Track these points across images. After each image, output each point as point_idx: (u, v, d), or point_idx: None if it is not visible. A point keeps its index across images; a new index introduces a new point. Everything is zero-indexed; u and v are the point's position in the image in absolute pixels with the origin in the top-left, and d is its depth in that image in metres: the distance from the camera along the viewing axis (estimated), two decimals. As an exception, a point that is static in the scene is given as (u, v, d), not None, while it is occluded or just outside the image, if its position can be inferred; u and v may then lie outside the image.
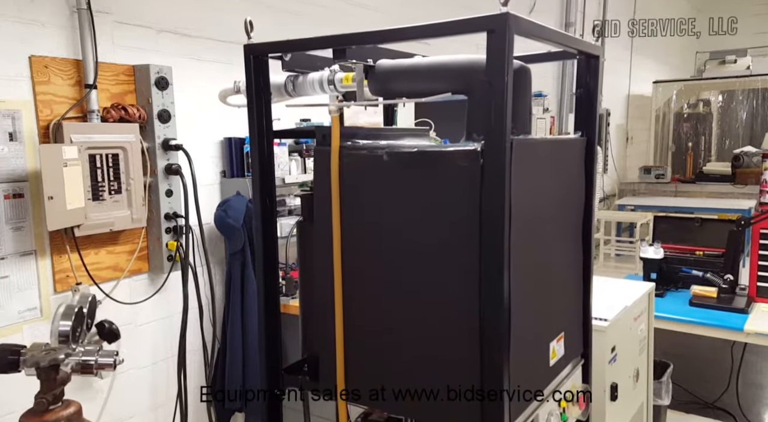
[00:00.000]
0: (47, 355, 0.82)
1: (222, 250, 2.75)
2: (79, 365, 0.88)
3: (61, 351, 0.83)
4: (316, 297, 1.27)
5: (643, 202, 6.44)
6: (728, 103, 7.88)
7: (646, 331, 2.19)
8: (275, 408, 1.38)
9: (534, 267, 1.20)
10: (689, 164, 7.64)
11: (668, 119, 7.95)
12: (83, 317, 0.92)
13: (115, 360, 0.91)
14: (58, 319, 0.89)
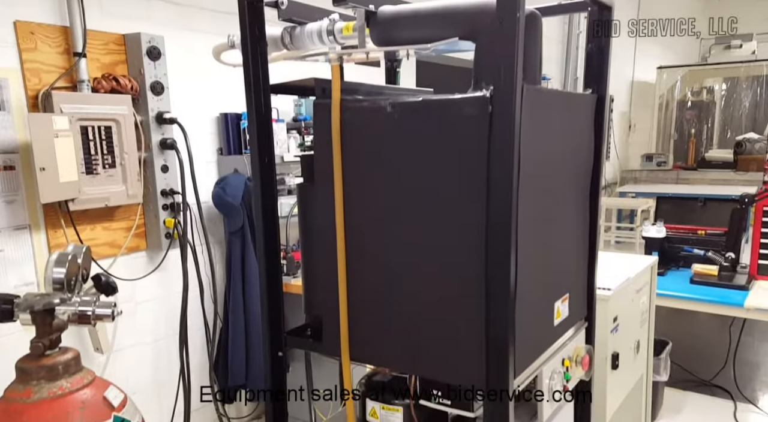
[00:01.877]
0: (41, 299, 0.80)
1: (221, 229, 2.73)
2: (75, 315, 0.86)
3: (56, 296, 0.81)
4: (319, 258, 1.25)
5: (644, 189, 6.40)
6: (732, 91, 7.84)
7: (647, 304, 2.17)
8: (278, 372, 1.36)
9: (541, 223, 1.17)
10: (691, 151, 7.60)
11: (671, 107, 7.90)
12: (78, 266, 0.90)
13: (113, 310, 0.89)
14: (51, 266, 0.86)
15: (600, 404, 1.76)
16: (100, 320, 0.88)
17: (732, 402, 3.08)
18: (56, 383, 0.80)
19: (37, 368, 0.81)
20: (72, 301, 0.86)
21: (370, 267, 1.19)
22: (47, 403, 0.79)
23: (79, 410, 0.79)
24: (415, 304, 1.14)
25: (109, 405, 0.82)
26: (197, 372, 2.71)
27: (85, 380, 0.82)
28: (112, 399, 0.82)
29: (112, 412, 0.81)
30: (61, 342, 0.84)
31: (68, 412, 0.78)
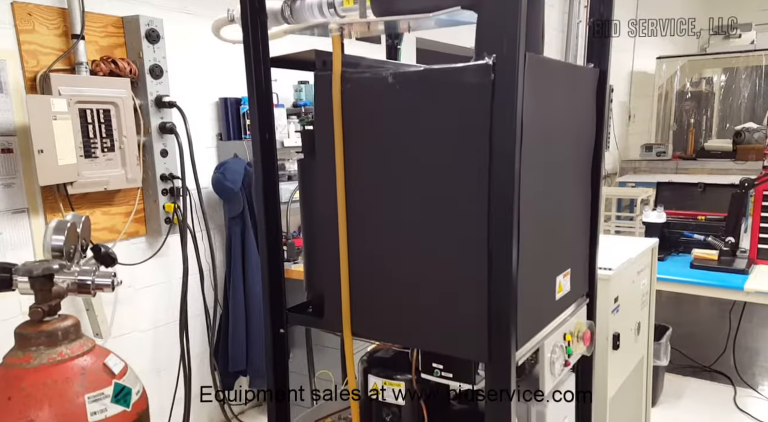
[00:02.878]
0: (40, 264, 0.79)
1: (221, 215, 2.72)
2: (75, 284, 0.86)
3: (55, 263, 0.80)
4: (320, 234, 1.24)
5: (644, 179, 6.40)
6: (730, 82, 7.83)
7: (648, 287, 2.17)
8: (280, 349, 1.35)
9: (543, 196, 1.16)
10: (690, 141, 7.59)
11: (671, 98, 7.89)
12: (77, 235, 0.89)
13: (113, 280, 0.88)
14: (50, 234, 0.86)
15: (601, 384, 1.76)
16: (100, 290, 0.87)
17: (732, 388, 3.09)
18: (56, 349, 0.80)
19: (36, 334, 0.80)
20: (71, 270, 0.85)
21: (371, 241, 1.18)
22: (47, 369, 0.78)
23: (80, 376, 0.78)
24: (417, 278, 1.13)
25: (109, 372, 0.81)
26: (198, 358, 2.71)
27: (84, 347, 0.82)
28: (112, 366, 0.82)
29: (113, 379, 0.80)
30: (60, 309, 0.84)
31: (68, 378, 0.77)
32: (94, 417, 0.77)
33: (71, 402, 0.76)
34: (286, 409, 1.37)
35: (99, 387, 0.79)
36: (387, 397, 1.27)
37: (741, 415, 2.86)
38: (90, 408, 0.76)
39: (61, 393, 0.76)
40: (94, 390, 0.78)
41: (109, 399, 0.79)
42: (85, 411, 0.76)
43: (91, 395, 0.77)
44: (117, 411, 0.79)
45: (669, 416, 2.87)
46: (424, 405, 1.23)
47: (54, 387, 0.76)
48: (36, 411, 0.75)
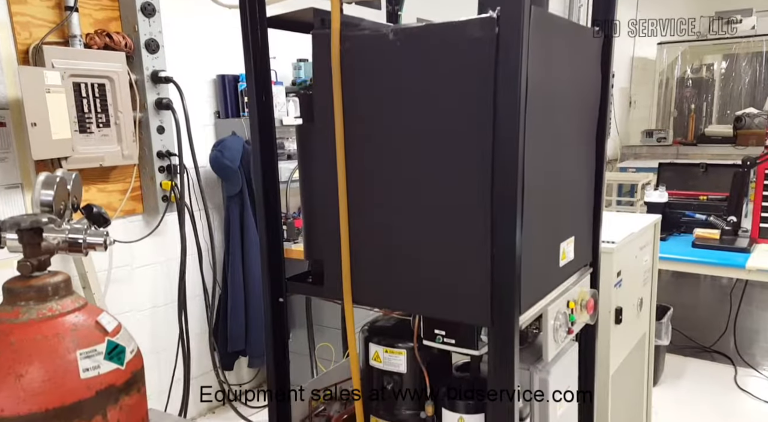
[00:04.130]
0: (28, 217, 0.76)
1: (219, 194, 2.69)
2: (66, 242, 0.83)
3: (44, 216, 0.78)
4: (320, 201, 1.22)
5: (644, 165, 6.38)
6: (731, 68, 7.79)
7: (650, 263, 2.15)
8: (279, 318, 1.33)
9: (547, 159, 1.14)
10: (691, 127, 7.56)
11: (671, 84, 7.85)
12: (67, 192, 0.86)
13: (106, 239, 0.86)
14: (38, 188, 0.83)
15: (603, 358, 1.74)
16: (92, 249, 0.85)
17: (732, 367, 3.09)
18: (45, 304, 0.77)
19: (25, 288, 0.78)
20: (62, 228, 0.83)
21: (372, 207, 1.16)
22: (36, 324, 0.76)
23: (71, 332, 0.76)
24: (418, 243, 1.11)
25: (102, 329, 0.79)
26: (196, 338, 2.70)
27: (76, 304, 0.80)
28: (105, 324, 0.79)
29: (106, 337, 0.78)
30: (50, 265, 0.81)
31: (58, 334, 0.75)
32: (87, 374, 0.74)
33: (62, 358, 0.73)
34: (286, 384, 1.35)
35: (91, 344, 0.76)
36: (388, 365, 1.25)
37: (742, 394, 2.86)
38: (82, 365, 0.74)
39: (51, 348, 0.74)
40: (86, 346, 0.76)
41: (102, 356, 0.76)
42: (77, 368, 0.73)
43: (83, 351, 0.75)
44: (110, 369, 0.77)
45: (670, 395, 2.87)
46: (426, 372, 1.21)
47: (44, 342, 0.74)
48: (25, 366, 0.72)
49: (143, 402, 0.85)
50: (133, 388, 0.80)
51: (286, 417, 1.34)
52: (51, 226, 0.82)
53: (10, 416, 0.71)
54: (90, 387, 0.74)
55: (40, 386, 0.71)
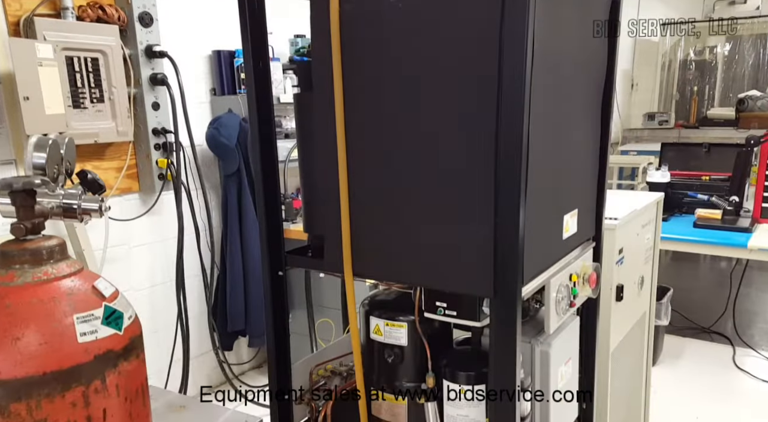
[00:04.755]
0: (21, 178, 0.74)
1: (216, 174, 2.67)
2: (60, 208, 0.81)
3: (37, 178, 0.75)
4: (319, 172, 1.19)
5: (646, 148, 6.34)
6: (734, 51, 7.72)
7: (652, 242, 2.14)
8: (278, 292, 1.31)
9: (552, 128, 1.11)
10: (693, 110, 7.52)
11: (674, 67, 7.78)
12: (60, 156, 0.84)
13: (101, 205, 0.83)
14: (30, 150, 0.80)
15: (604, 335, 1.74)
16: (87, 215, 0.83)
17: (731, 348, 3.10)
18: (40, 268, 0.75)
19: (19, 251, 0.76)
20: (56, 193, 0.80)
21: (372, 177, 1.13)
22: (31, 288, 0.74)
23: (67, 296, 0.74)
24: (420, 214, 1.09)
25: (99, 294, 0.77)
26: (195, 318, 2.69)
27: (72, 268, 0.78)
28: (102, 289, 0.78)
29: (103, 302, 0.76)
30: (44, 229, 0.79)
31: (54, 298, 0.73)
32: (84, 338, 0.73)
33: (59, 322, 0.72)
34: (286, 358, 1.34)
35: (88, 309, 0.74)
36: (389, 338, 1.24)
37: (740, 373, 2.87)
38: (79, 329, 0.72)
39: (47, 312, 0.72)
40: (82, 311, 0.74)
41: (99, 321, 0.75)
42: (74, 332, 0.72)
43: (80, 316, 0.73)
44: (108, 334, 0.75)
45: (669, 374, 2.88)
46: (427, 344, 1.20)
47: (40, 306, 0.72)
48: (21, 329, 0.71)
49: (142, 368, 0.84)
50: (132, 354, 0.79)
51: (287, 390, 1.33)
52: (45, 191, 0.80)
53: (7, 379, 0.70)
54: (88, 351, 0.72)
55: (37, 349, 0.69)
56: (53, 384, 0.70)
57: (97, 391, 0.73)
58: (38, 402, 0.69)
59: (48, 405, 0.70)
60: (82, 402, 0.72)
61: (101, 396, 0.73)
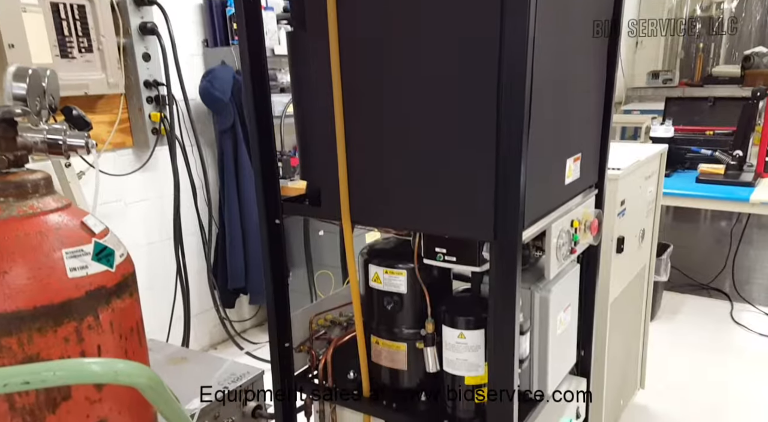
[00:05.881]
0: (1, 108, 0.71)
1: (211, 130, 2.61)
2: (45, 143, 0.78)
3: (17, 107, 0.72)
4: (315, 116, 1.16)
5: (649, 107, 6.24)
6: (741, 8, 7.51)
7: (654, 195, 2.11)
8: (276, 241, 1.29)
9: (557, 65, 1.07)
10: (698, 68, 7.37)
11: (680, 24, 7.59)
12: (42, 89, 0.80)
13: (87, 142, 0.80)
14: (9, 79, 0.77)
15: (604, 284, 1.73)
16: (73, 152, 0.80)
17: (729, 303, 3.12)
18: (26, 202, 0.73)
19: (3, 184, 0.73)
20: (39, 128, 0.77)
21: (370, 121, 1.10)
22: (17, 222, 0.72)
23: (55, 231, 0.72)
24: (419, 158, 1.06)
25: (88, 230, 0.75)
26: (195, 276, 2.69)
27: (58, 204, 0.75)
28: (91, 226, 0.75)
29: (93, 238, 0.74)
30: (28, 162, 0.76)
31: (41, 232, 0.71)
32: (74, 273, 0.71)
33: (47, 256, 0.70)
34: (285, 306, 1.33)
35: (77, 244, 0.72)
36: (388, 286, 1.23)
37: (737, 328, 2.90)
38: (69, 264, 0.70)
39: (35, 246, 0.70)
40: (71, 246, 0.72)
41: (89, 257, 0.73)
42: (63, 266, 0.70)
43: (69, 250, 0.71)
44: (99, 270, 0.73)
45: (667, 329, 2.91)
46: (426, 291, 1.19)
47: (27, 240, 0.70)
48: (8, 263, 0.69)
49: (136, 307, 0.82)
50: (125, 292, 0.77)
51: (287, 339, 1.33)
52: (27, 125, 0.76)
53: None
54: (79, 286, 0.71)
55: (26, 283, 0.68)
56: (44, 318, 0.69)
57: (91, 328, 0.71)
58: (29, 337, 0.68)
59: (40, 340, 0.69)
60: (75, 337, 0.71)
61: (95, 332, 0.72)
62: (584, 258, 1.41)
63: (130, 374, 0.58)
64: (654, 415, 2.31)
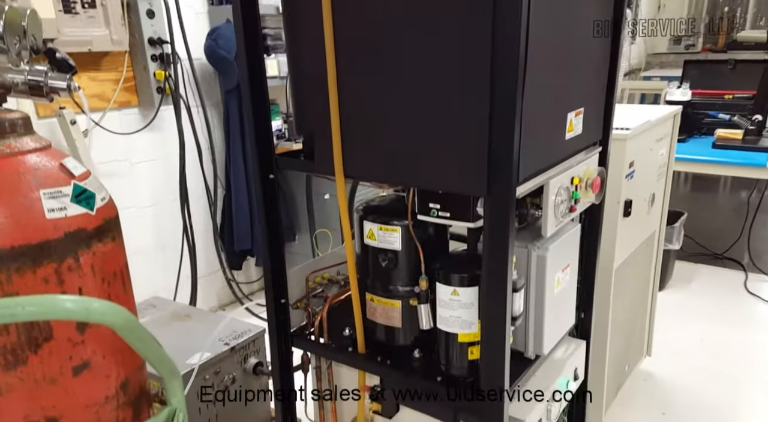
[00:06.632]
0: (-27, 42, 0.70)
1: (217, 90, 2.59)
2: (26, 85, 0.77)
3: (-9, 43, 0.71)
4: (307, 67, 1.13)
5: (670, 74, 6.03)
6: (770, -30, 7.14)
7: (666, 158, 2.05)
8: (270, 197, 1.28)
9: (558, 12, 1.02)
10: (722, 33, 7.08)
11: (704, -14, 7.27)
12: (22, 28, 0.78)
13: (69, 83, 0.79)
14: (-18, 16, 0.75)
15: (608, 248, 1.70)
16: (55, 94, 0.79)
17: (743, 273, 3.06)
18: (3, 141, 0.72)
19: (-22, 122, 0.73)
20: (20, 68, 0.76)
21: (363, 73, 1.07)
22: (-6, 160, 0.71)
23: (33, 171, 0.71)
24: (411, 110, 1.03)
25: (67, 172, 0.74)
26: (202, 237, 2.72)
27: (37, 144, 0.75)
28: (71, 167, 0.75)
29: (72, 180, 0.73)
30: (6, 102, 0.76)
31: (19, 173, 0.71)
32: (53, 214, 0.70)
33: (25, 196, 0.69)
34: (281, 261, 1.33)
35: (55, 185, 0.72)
36: (383, 243, 1.21)
37: (751, 298, 2.84)
38: (47, 205, 0.70)
39: (11, 185, 0.70)
40: (49, 187, 0.72)
41: (68, 198, 0.72)
42: (41, 207, 0.69)
43: (47, 191, 0.71)
44: (79, 212, 0.73)
45: (676, 299, 2.87)
46: (421, 248, 1.17)
47: (3, 179, 0.70)
48: (-16, 202, 0.68)
49: (120, 253, 0.82)
50: (107, 236, 0.77)
51: (283, 295, 1.33)
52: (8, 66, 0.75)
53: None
54: (57, 227, 0.70)
55: (3, 222, 0.68)
56: (22, 258, 0.69)
57: (71, 269, 0.71)
58: (8, 277, 0.68)
59: (18, 280, 0.69)
60: (55, 279, 0.71)
61: (75, 275, 0.72)
62: (586, 218, 1.38)
63: (104, 313, 0.58)
64: (659, 382, 2.30)
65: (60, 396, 0.72)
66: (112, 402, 0.78)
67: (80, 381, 0.73)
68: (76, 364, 0.72)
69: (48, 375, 0.70)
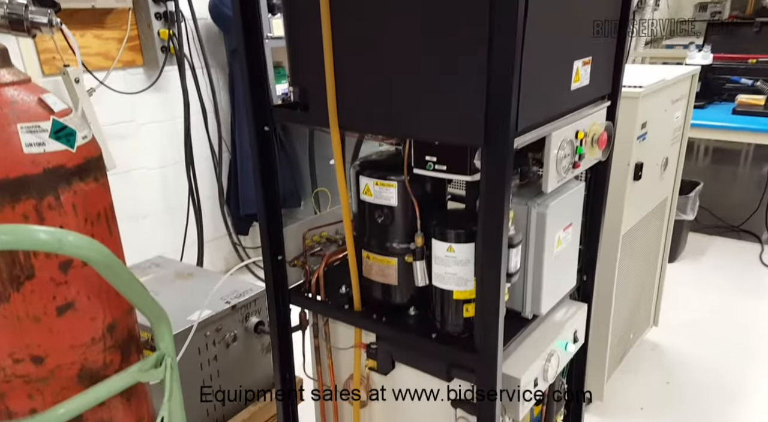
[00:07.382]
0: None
1: (222, 52, 2.55)
2: (6, 19, 0.75)
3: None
4: (301, 15, 1.09)
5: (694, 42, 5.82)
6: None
7: (682, 120, 1.97)
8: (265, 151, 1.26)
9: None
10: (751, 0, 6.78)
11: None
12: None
13: (51, 19, 0.77)
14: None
15: (616, 211, 1.65)
16: (37, 29, 0.77)
17: (759, 245, 2.98)
18: (-23, 73, 0.71)
19: (-47, 54, 0.71)
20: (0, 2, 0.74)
21: (358, 21, 1.02)
22: (-32, 93, 0.69)
23: (9, 104, 0.70)
24: (406, 56, 0.99)
25: (46, 107, 0.72)
26: (209, 200, 2.72)
27: (14, 77, 0.73)
28: (51, 104, 0.73)
29: (51, 115, 0.72)
30: (-15, 35, 0.74)
31: (-6, 106, 0.69)
32: (31, 149, 0.69)
33: (1, 129, 0.68)
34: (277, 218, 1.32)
35: (33, 120, 0.70)
36: (379, 199, 1.19)
37: (766, 270, 2.78)
38: (24, 139, 0.68)
39: (-14, 119, 0.68)
40: (27, 121, 0.70)
41: (47, 134, 0.71)
42: (18, 141, 0.68)
43: (25, 125, 0.69)
44: (58, 149, 0.71)
45: (688, 271, 2.81)
46: (417, 203, 1.14)
47: (-23, 112, 0.68)
48: (-42, 134, 0.67)
49: (103, 193, 0.81)
50: (89, 175, 0.75)
51: (279, 251, 1.32)
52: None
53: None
54: (36, 163, 0.69)
55: (-22, 155, 0.66)
56: (0, 193, 0.67)
57: (51, 207, 0.70)
58: (-14, 211, 0.67)
59: (-3, 215, 0.68)
60: (34, 215, 0.70)
61: (56, 213, 0.71)
62: (592, 177, 1.33)
63: (79, 246, 0.57)
64: (666, 352, 2.27)
65: (44, 335, 0.72)
66: (98, 344, 0.78)
67: (65, 321, 0.73)
68: (60, 304, 0.72)
69: (31, 313, 0.70)
